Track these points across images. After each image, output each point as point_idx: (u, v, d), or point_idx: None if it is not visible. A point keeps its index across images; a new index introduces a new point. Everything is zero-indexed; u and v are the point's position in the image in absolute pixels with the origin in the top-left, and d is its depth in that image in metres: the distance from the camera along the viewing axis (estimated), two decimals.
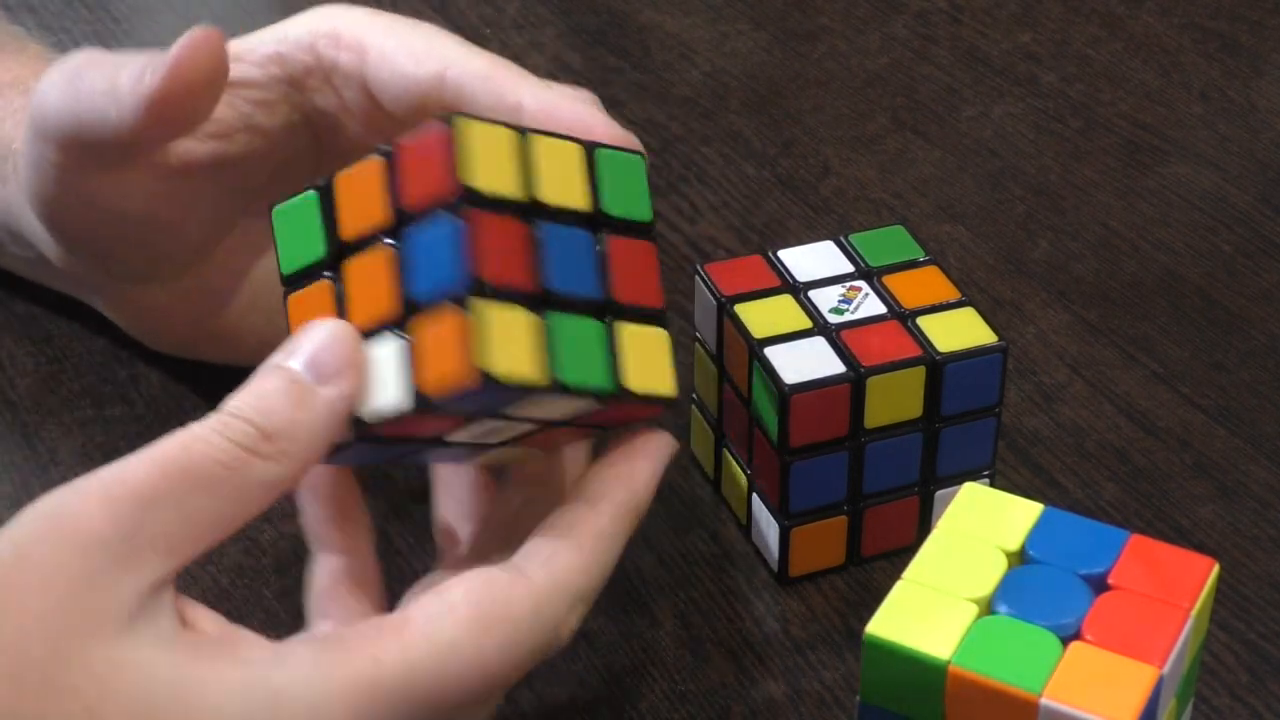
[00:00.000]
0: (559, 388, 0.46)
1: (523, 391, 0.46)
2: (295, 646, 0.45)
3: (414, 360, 0.46)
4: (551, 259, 0.47)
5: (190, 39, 0.53)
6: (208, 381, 0.65)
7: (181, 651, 0.43)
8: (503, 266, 0.45)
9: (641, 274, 0.49)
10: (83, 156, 0.56)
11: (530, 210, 0.47)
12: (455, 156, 0.46)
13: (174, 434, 0.45)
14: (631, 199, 0.49)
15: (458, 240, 0.45)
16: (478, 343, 0.45)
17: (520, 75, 0.54)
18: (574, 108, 0.53)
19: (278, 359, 0.47)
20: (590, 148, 0.49)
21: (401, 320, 0.47)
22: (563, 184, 0.48)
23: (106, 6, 0.88)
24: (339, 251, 0.49)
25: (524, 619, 0.46)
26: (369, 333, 0.47)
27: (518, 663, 0.47)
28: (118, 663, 0.42)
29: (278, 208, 0.50)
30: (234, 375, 0.65)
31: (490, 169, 0.46)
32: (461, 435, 0.49)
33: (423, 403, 0.46)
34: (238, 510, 0.45)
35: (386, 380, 0.47)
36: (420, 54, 0.56)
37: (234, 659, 0.44)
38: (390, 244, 0.47)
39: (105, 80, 0.54)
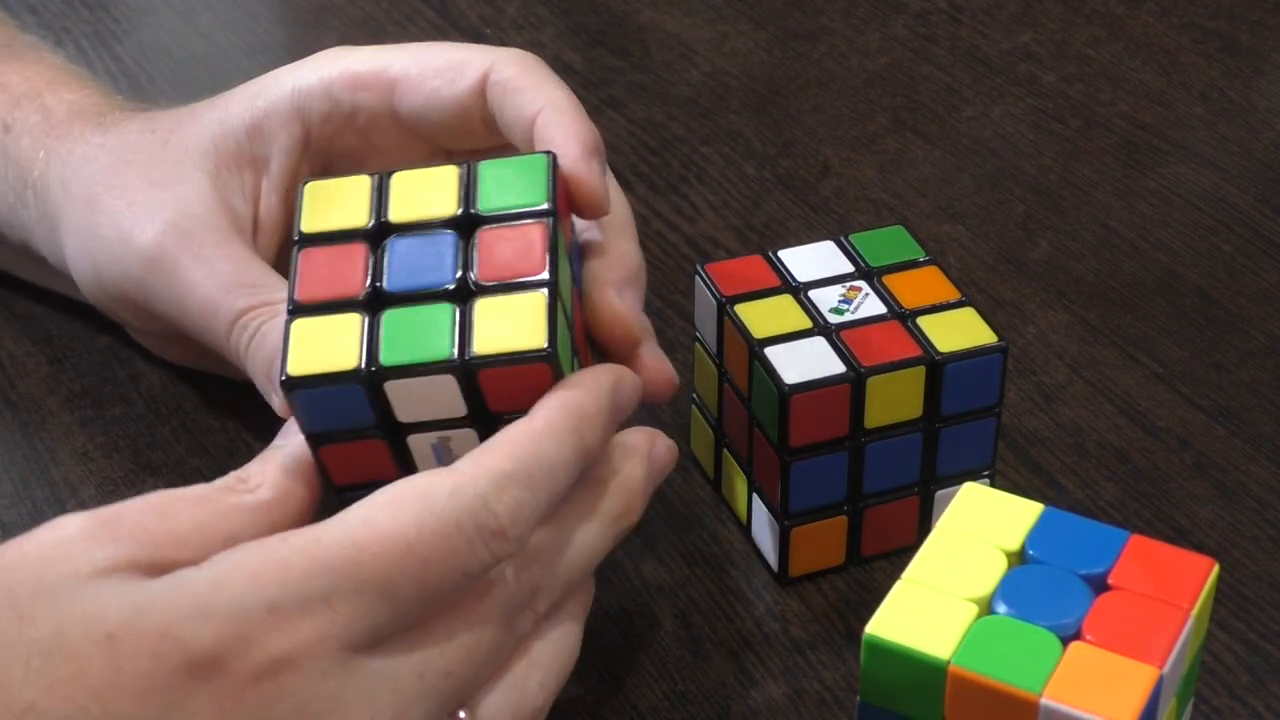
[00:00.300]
0: (381, 373, 0.48)
1: (345, 386, 0.49)
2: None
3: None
4: (395, 265, 0.50)
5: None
6: (208, 382, 0.65)
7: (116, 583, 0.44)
8: (323, 286, 0.50)
9: (523, 250, 0.50)
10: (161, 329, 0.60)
11: (377, 232, 0.51)
12: (299, 213, 0.52)
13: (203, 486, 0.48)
14: (525, 191, 0.52)
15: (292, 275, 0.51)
16: (286, 353, 0.49)
17: (541, 87, 0.56)
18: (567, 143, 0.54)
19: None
20: (474, 163, 0.53)
21: None
22: (422, 203, 0.52)
23: (106, 6, 0.88)
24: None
25: (440, 492, 0.45)
26: None
27: (455, 541, 0.45)
28: (54, 586, 0.44)
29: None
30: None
31: (327, 214, 0.52)
32: (416, 450, 0.51)
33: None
34: (246, 533, 0.47)
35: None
36: (450, 73, 0.57)
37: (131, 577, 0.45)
38: None
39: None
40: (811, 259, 0.60)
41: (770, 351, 0.57)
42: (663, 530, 0.61)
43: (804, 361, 0.56)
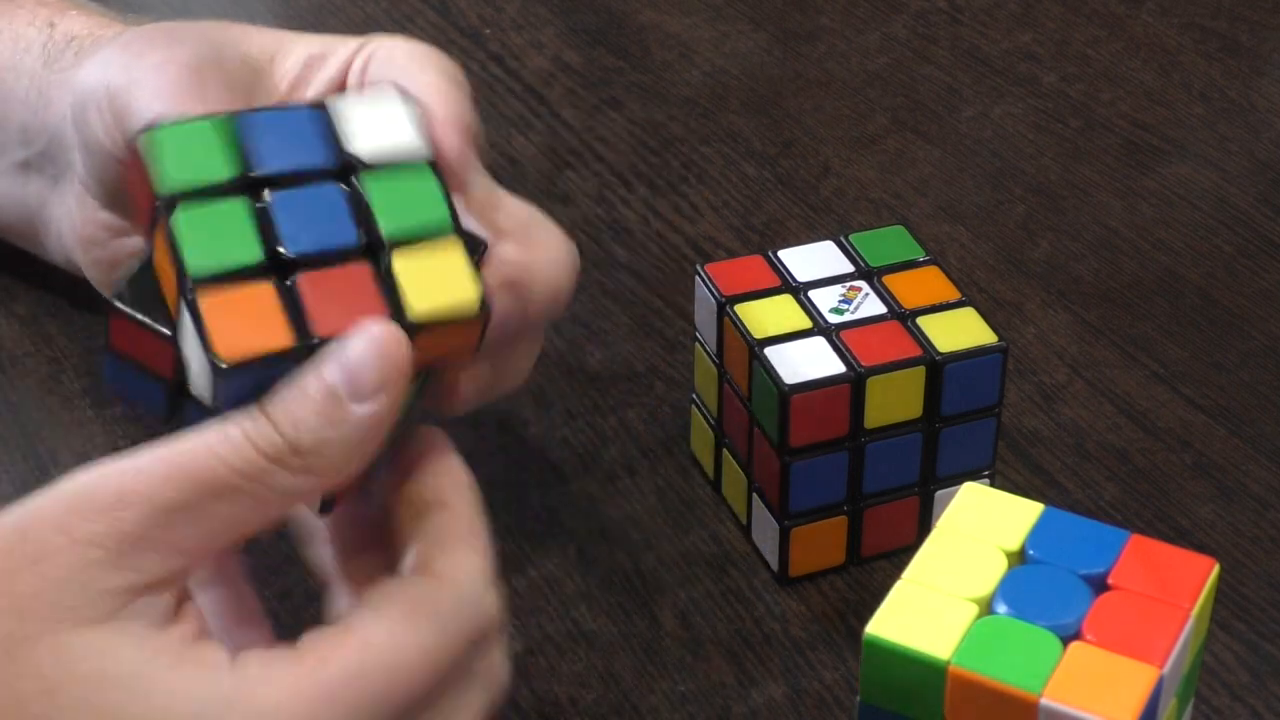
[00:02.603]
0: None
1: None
2: (248, 654, 0.45)
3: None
4: (284, 222, 0.46)
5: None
6: None
7: (150, 649, 0.43)
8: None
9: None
10: None
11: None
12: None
13: (202, 434, 0.45)
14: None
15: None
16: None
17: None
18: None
19: (327, 355, 0.46)
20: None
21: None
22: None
23: (106, 6, 0.88)
24: None
25: (449, 606, 0.46)
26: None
27: (459, 645, 0.46)
28: (84, 649, 0.43)
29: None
30: None
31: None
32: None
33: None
34: (255, 518, 0.45)
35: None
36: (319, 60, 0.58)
37: (195, 661, 0.44)
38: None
39: None
40: (811, 259, 0.60)
41: (770, 351, 0.57)
42: (663, 530, 0.61)
43: (804, 361, 0.56)
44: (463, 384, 0.52)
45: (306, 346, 0.45)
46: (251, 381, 0.45)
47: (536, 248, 0.54)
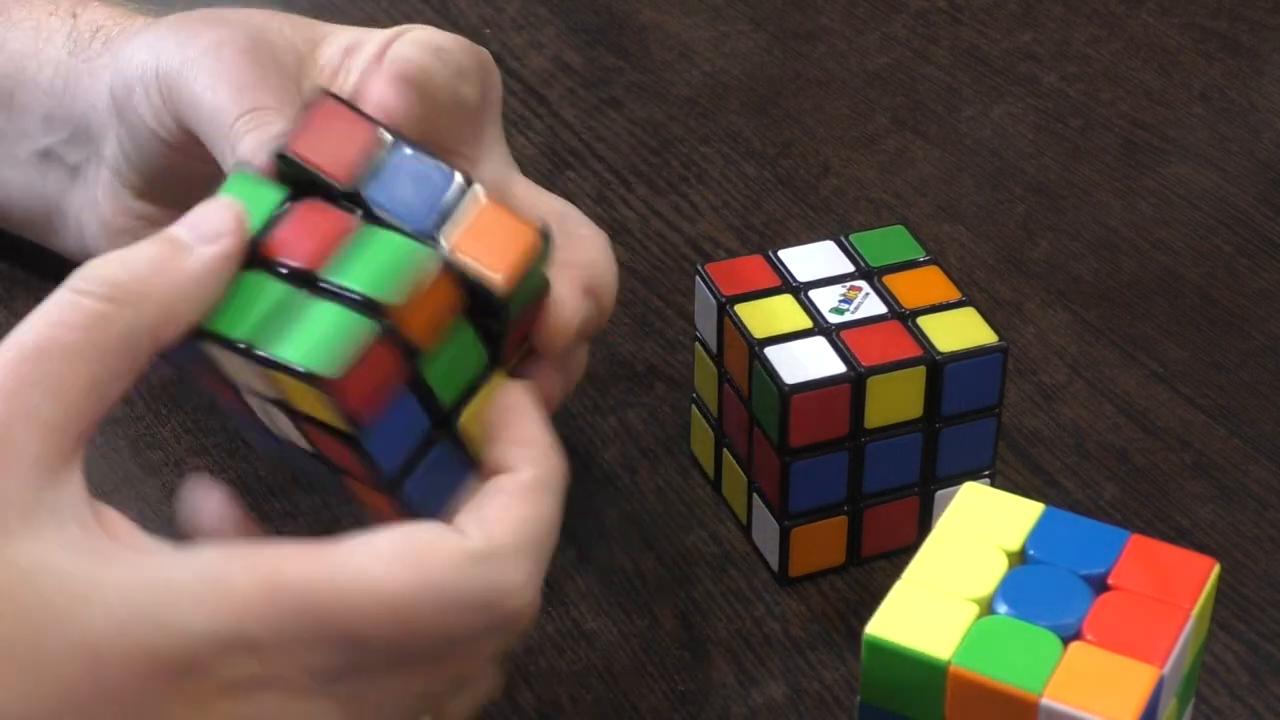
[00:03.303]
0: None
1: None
2: (200, 548, 0.44)
3: None
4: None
5: None
6: None
7: (81, 550, 0.43)
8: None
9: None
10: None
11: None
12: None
13: (34, 311, 0.45)
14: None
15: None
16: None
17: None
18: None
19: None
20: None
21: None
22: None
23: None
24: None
25: (455, 562, 0.44)
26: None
27: (452, 612, 0.44)
28: (9, 560, 0.42)
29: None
30: None
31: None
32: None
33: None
34: (107, 369, 0.45)
35: None
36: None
37: (135, 555, 0.43)
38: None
39: None
40: (811, 259, 0.60)
41: (770, 351, 0.57)
42: (663, 530, 0.61)
43: (804, 361, 0.56)
44: (546, 389, 0.52)
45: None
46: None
47: (586, 248, 0.54)
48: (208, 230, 0.47)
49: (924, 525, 0.59)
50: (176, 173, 0.59)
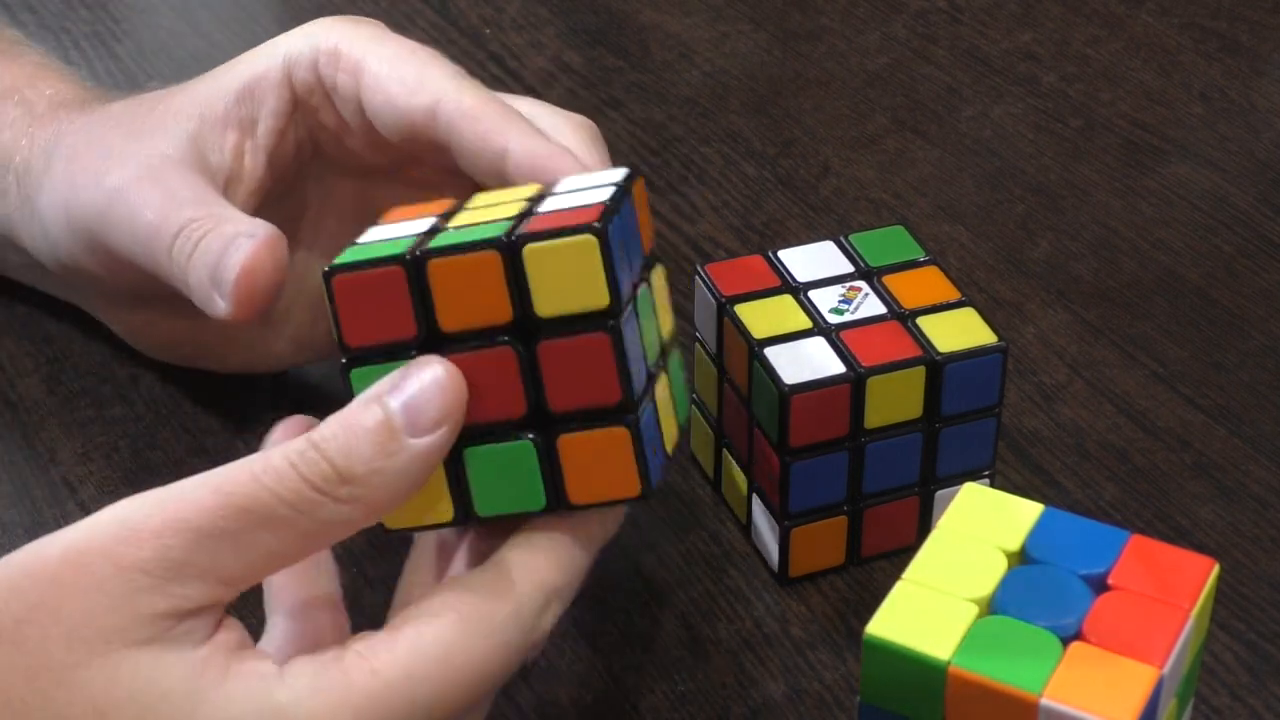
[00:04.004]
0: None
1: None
2: (297, 664, 0.45)
3: None
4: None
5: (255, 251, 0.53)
6: (207, 383, 0.65)
7: (197, 665, 0.44)
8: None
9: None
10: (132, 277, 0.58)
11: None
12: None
13: (249, 461, 0.44)
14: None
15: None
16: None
17: (509, 119, 0.54)
18: (557, 160, 0.53)
19: (382, 389, 0.46)
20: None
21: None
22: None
23: (106, 6, 0.88)
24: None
25: (507, 618, 0.46)
26: None
27: (505, 662, 0.46)
28: (132, 670, 0.43)
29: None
30: (233, 377, 0.65)
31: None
32: None
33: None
34: (300, 548, 0.45)
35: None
36: (412, 85, 0.56)
37: (242, 673, 0.44)
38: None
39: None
40: (811, 259, 0.60)
41: (770, 352, 0.57)
42: (663, 530, 0.61)
43: (804, 361, 0.56)
44: None
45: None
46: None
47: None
48: (424, 421, 0.45)
49: (924, 525, 0.59)
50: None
